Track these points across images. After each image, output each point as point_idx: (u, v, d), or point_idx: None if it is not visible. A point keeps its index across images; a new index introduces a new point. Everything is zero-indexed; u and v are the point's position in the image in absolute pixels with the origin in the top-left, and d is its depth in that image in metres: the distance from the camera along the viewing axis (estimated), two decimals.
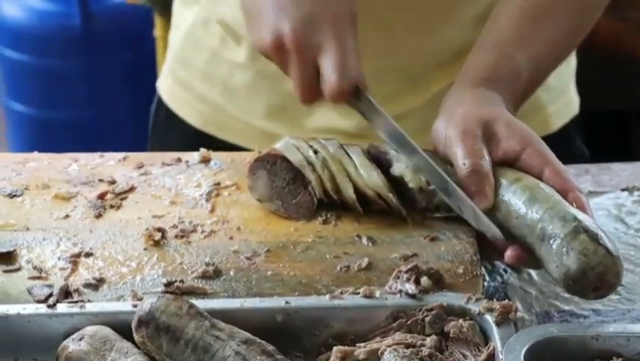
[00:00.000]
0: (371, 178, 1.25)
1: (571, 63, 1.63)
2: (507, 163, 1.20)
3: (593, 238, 1.08)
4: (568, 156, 1.32)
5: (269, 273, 1.16)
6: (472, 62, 1.32)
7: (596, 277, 1.06)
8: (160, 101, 1.68)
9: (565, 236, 1.08)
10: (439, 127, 1.26)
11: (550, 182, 1.17)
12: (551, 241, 1.09)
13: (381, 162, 1.27)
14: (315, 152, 1.27)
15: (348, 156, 1.27)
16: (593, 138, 1.77)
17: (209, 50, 1.58)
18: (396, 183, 1.25)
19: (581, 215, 1.11)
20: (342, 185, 1.25)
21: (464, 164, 1.19)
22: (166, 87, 1.67)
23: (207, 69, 1.58)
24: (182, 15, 1.64)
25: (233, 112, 1.57)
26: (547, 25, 1.34)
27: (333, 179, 1.26)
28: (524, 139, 1.21)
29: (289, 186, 1.26)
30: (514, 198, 1.16)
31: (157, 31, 3.04)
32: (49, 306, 1.08)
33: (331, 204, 1.26)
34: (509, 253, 1.15)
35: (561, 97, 1.61)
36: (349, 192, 1.25)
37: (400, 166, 1.25)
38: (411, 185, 1.24)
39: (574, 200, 1.15)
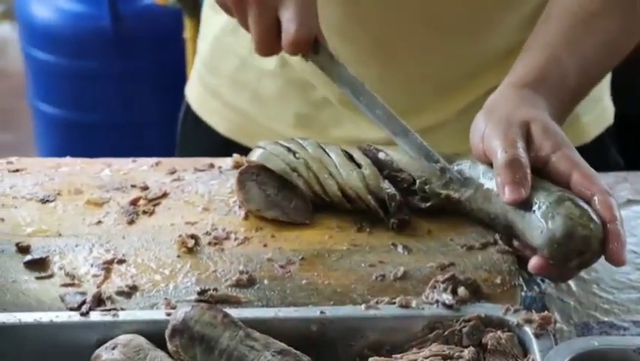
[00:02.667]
0: (350, 178, 1.24)
1: None
2: (537, 166, 1.18)
3: (578, 204, 1.10)
4: (603, 165, 1.30)
5: (303, 282, 1.15)
6: (519, 64, 1.30)
7: (581, 241, 1.08)
8: (188, 108, 1.67)
9: (550, 203, 1.11)
10: (479, 122, 1.24)
11: (577, 186, 1.15)
12: (535, 209, 1.11)
13: (379, 161, 1.28)
14: (294, 154, 1.26)
15: (328, 155, 1.27)
16: (624, 146, 1.75)
17: (239, 57, 1.57)
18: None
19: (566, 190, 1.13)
20: (325, 184, 1.25)
21: (505, 151, 1.17)
22: (194, 94, 1.66)
23: (236, 76, 1.57)
24: (211, 21, 1.63)
25: (261, 120, 1.56)
26: (597, 29, 1.31)
27: (318, 180, 1.25)
28: (556, 143, 1.19)
29: (282, 193, 1.26)
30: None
31: (187, 33, 3.03)
32: (82, 314, 1.08)
33: (323, 205, 1.25)
34: (533, 263, 1.13)
35: (596, 106, 1.59)
36: (334, 190, 1.24)
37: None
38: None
39: (600, 202, 1.13)
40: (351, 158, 1.27)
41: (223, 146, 1.56)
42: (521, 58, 1.32)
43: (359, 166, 1.26)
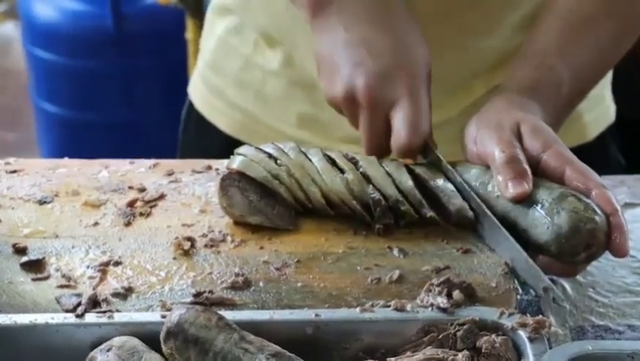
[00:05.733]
0: (334, 184, 1.24)
1: None
2: (530, 165, 1.18)
3: (580, 199, 1.12)
4: (604, 164, 1.30)
5: (299, 284, 1.15)
6: (512, 72, 1.31)
7: (588, 234, 1.10)
8: (191, 107, 1.68)
9: (553, 200, 1.12)
10: (471, 126, 1.25)
11: (573, 182, 1.15)
12: (539, 206, 1.13)
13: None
14: (276, 160, 1.26)
15: (309, 160, 1.26)
16: (628, 147, 1.75)
17: (243, 57, 1.57)
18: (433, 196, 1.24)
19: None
20: (308, 190, 1.25)
21: (503, 151, 1.17)
22: (198, 94, 1.66)
23: (240, 76, 1.58)
24: (215, 23, 1.64)
25: (265, 120, 1.56)
26: (590, 35, 1.32)
27: (301, 187, 1.25)
28: (546, 142, 1.19)
29: (264, 199, 1.25)
30: (493, 180, 1.18)
31: (188, 34, 3.04)
32: (77, 316, 1.08)
33: (307, 211, 1.25)
34: (540, 263, 1.14)
35: (597, 105, 1.59)
36: (317, 197, 1.24)
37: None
38: (451, 208, 1.22)
39: (598, 196, 1.13)
40: (333, 163, 1.26)
41: (226, 145, 1.56)
42: (514, 65, 1.32)
43: (342, 171, 1.25)
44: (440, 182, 1.23)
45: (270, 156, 1.27)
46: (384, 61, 1.25)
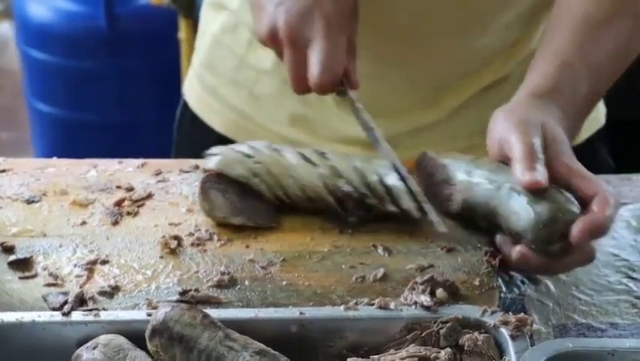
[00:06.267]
0: (310, 178, 1.26)
1: None
2: None
3: (562, 192, 1.15)
4: (592, 167, 1.30)
5: (284, 283, 1.16)
6: (534, 73, 1.30)
7: (565, 225, 1.12)
8: (185, 106, 1.68)
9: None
10: (498, 118, 1.24)
11: (579, 191, 1.16)
12: (521, 195, 1.15)
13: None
14: (250, 158, 1.27)
15: (283, 157, 1.28)
16: (616, 149, 1.75)
17: (237, 57, 1.58)
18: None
19: None
20: (288, 186, 1.26)
21: (523, 143, 1.18)
22: (192, 93, 1.67)
23: (234, 75, 1.58)
24: (210, 21, 1.64)
25: (257, 119, 1.57)
26: (607, 35, 1.31)
27: (280, 183, 1.26)
28: (556, 154, 1.20)
29: (244, 198, 1.26)
30: (478, 169, 1.21)
31: (181, 34, 3.04)
32: (63, 314, 1.09)
33: (291, 209, 1.27)
34: (516, 250, 1.15)
35: None
36: (296, 192, 1.26)
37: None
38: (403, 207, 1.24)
39: (600, 200, 1.14)
40: (306, 158, 1.28)
41: (220, 144, 1.57)
42: (535, 67, 1.31)
43: (315, 165, 1.27)
44: (392, 181, 1.25)
45: (243, 154, 1.28)
46: (305, 0, 1.28)
